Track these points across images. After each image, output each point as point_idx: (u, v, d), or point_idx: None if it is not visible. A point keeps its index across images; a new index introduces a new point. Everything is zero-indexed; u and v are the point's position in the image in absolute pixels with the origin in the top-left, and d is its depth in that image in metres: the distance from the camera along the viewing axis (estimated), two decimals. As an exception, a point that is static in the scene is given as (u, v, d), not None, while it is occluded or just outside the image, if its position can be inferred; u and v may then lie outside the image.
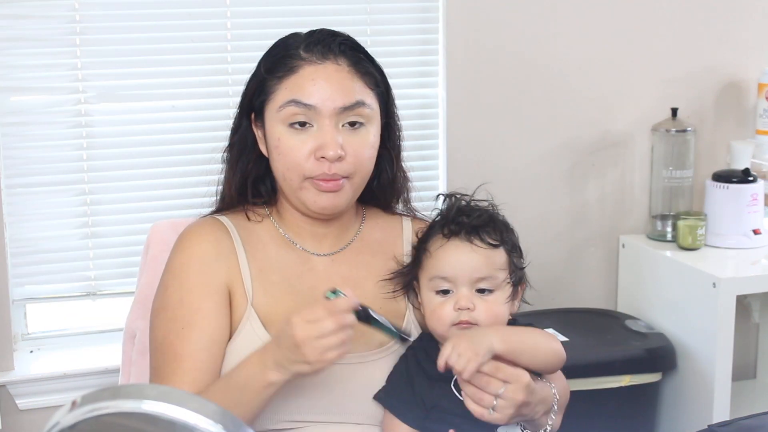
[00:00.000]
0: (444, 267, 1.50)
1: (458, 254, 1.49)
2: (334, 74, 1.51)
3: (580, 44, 2.67)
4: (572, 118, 2.69)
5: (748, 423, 1.60)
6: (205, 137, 2.42)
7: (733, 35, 2.78)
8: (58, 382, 2.36)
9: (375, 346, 1.55)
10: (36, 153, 2.35)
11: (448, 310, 1.49)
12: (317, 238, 1.61)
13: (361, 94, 1.52)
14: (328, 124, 1.49)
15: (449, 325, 1.50)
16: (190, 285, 1.52)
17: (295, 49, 1.54)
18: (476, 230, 1.50)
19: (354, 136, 1.51)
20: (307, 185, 1.52)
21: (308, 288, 1.57)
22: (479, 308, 1.49)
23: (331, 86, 1.50)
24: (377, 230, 1.67)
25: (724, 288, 2.39)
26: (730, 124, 2.81)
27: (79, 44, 2.34)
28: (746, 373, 2.85)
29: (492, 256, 1.50)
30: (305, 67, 1.51)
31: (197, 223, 1.61)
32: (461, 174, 2.61)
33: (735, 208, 2.58)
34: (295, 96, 1.50)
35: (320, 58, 1.52)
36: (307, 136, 1.50)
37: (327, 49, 1.53)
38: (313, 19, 2.44)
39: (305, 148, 1.50)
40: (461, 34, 2.57)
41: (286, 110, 1.51)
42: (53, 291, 2.42)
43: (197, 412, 0.77)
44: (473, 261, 1.49)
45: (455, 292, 1.50)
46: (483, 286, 1.50)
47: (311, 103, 1.49)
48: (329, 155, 1.48)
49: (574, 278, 2.76)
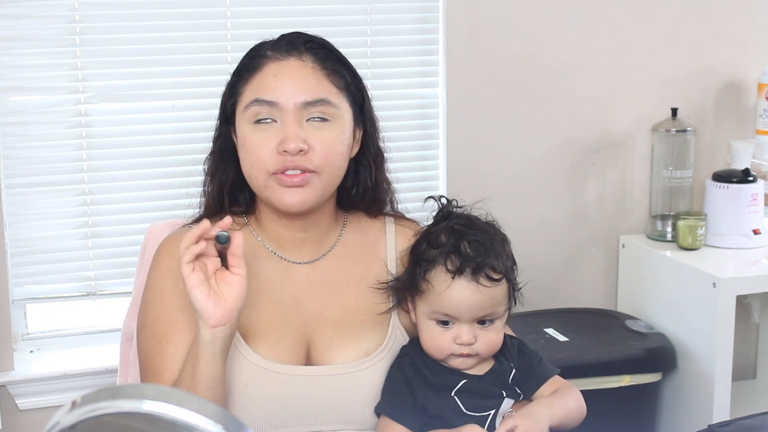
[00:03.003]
0: (449, 306, 1.48)
1: (464, 295, 1.47)
2: (297, 70, 1.50)
3: (580, 44, 2.67)
4: (572, 118, 2.69)
5: (748, 423, 1.60)
6: (204, 137, 2.40)
7: (733, 35, 2.78)
8: (58, 382, 2.36)
9: (362, 356, 1.54)
10: (36, 153, 2.35)
11: (448, 342, 1.49)
12: (296, 246, 1.59)
13: (325, 92, 1.50)
14: (290, 119, 1.48)
15: (448, 354, 1.50)
16: (166, 299, 1.51)
17: (263, 50, 1.54)
18: (482, 268, 1.47)
19: (319, 131, 1.49)
20: (272, 183, 1.49)
21: (290, 297, 1.56)
22: (480, 340, 1.49)
23: (293, 81, 1.49)
24: (359, 234, 1.64)
25: (724, 288, 2.39)
26: (730, 124, 2.81)
27: (79, 44, 2.34)
28: (746, 373, 2.85)
29: (496, 293, 1.49)
30: (268, 64, 1.51)
31: (171, 236, 1.59)
32: (461, 174, 2.61)
33: (735, 208, 2.58)
34: (258, 95, 1.50)
35: (284, 55, 1.51)
36: (271, 132, 1.48)
37: (291, 46, 1.52)
38: (313, 19, 2.45)
39: (269, 145, 1.48)
40: (461, 34, 2.57)
41: (251, 110, 1.50)
42: (53, 291, 2.42)
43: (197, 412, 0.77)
44: (479, 301, 1.48)
45: (456, 325, 1.49)
46: (484, 319, 1.50)
47: (273, 100, 1.48)
48: (290, 148, 1.46)
49: (574, 278, 2.76)
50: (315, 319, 1.56)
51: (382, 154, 1.64)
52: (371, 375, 1.53)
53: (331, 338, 1.54)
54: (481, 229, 1.53)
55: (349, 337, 1.55)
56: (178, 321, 1.50)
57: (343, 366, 1.52)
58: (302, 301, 1.56)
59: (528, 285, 1.59)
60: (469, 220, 1.55)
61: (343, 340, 1.54)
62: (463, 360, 1.50)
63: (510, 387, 1.53)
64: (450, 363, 1.51)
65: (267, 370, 1.48)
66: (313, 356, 1.54)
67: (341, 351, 1.53)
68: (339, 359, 1.52)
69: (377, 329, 1.57)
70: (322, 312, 1.56)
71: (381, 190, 1.65)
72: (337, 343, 1.54)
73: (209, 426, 0.76)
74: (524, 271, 1.58)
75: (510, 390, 1.53)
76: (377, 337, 1.56)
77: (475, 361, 1.51)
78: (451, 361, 1.51)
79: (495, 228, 1.56)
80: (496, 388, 1.52)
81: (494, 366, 1.54)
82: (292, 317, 1.54)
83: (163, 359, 1.48)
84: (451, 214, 1.57)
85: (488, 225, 1.56)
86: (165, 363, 1.48)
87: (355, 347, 1.54)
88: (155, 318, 1.52)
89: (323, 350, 1.54)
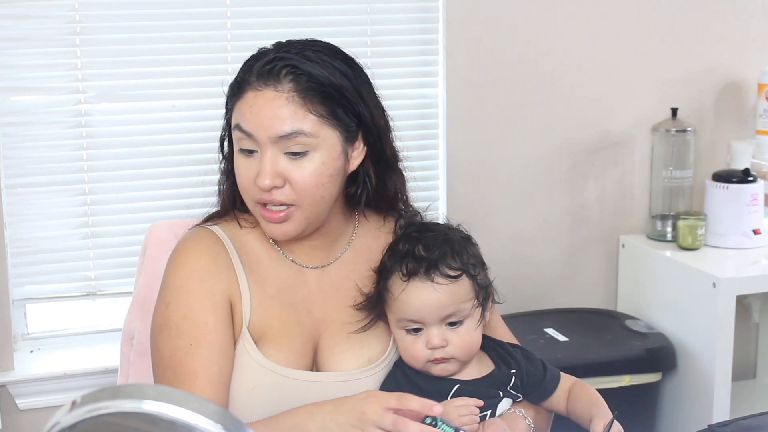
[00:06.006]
0: (409, 310, 1.46)
1: (421, 296, 1.45)
2: (270, 102, 1.46)
3: (580, 44, 2.67)
4: (572, 118, 2.69)
5: (748, 423, 1.60)
6: (204, 137, 2.42)
7: (733, 35, 2.78)
8: (58, 382, 2.36)
9: (365, 362, 1.54)
10: (36, 153, 2.35)
11: (421, 348, 1.47)
12: (306, 251, 1.58)
13: (300, 123, 1.45)
14: (266, 153, 1.46)
15: (425, 362, 1.48)
16: (193, 300, 1.50)
17: (251, 69, 1.50)
18: (435, 265, 1.45)
19: (296, 164, 1.46)
20: (258, 211, 1.50)
21: (300, 301, 1.56)
22: (452, 342, 1.47)
23: (265, 114, 1.45)
24: (369, 238, 1.63)
25: (724, 288, 2.39)
26: (730, 124, 2.81)
27: (79, 44, 2.34)
28: (746, 373, 2.85)
29: (456, 290, 1.46)
30: (248, 92, 1.48)
31: (191, 235, 1.58)
32: (461, 174, 2.61)
33: (735, 208, 2.58)
34: (238, 121, 1.48)
35: (261, 84, 1.47)
36: (252, 161, 1.47)
37: (270, 74, 1.47)
38: (313, 20, 2.45)
39: (250, 174, 1.47)
40: (461, 34, 2.57)
41: (235, 133, 1.49)
42: (53, 291, 2.42)
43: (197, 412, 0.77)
44: (437, 300, 1.45)
45: (425, 329, 1.47)
46: (452, 320, 1.47)
47: (248, 131, 1.46)
48: (263, 185, 1.45)
49: (574, 278, 2.76)
50: (323, 322, 1.56)
51: (395, 154, 1.62)
52: (373, 383, 1.53)
53: (337, 342, 1.54)
54: (437, 230, 1.52)
55: (354, 342, 1.54)
56: (208, 322, 1.48)
57: (347, 373, 1.52)
58: (312, 304, 1.56)
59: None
60: (424, 225, 1.55)
61: (348, 345, 1.54)
62: (443, 366, 1.48)
63: (508, 391, 1.52)
64: (431, 371, 1.49)
65: (275, 374, 1.48)
66: (319, 360, 1.54)
67: (345, 356, 1.53)
68: (343, 364, 1.52)
69: (381, 337, 1.56)
70: (330, 315, 1.56)
71: (393, 190, 1.63)
72: (342, 347, 1.54)
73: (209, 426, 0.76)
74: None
75: (507, 393, 1.52)
76: (381, 344, 1.56)
77: (455, 366, 1.49)
78: (431, 369, 1.49)
79: (454, 229, 1.54)
80: (493, 390, 1.51)
81: (493, 371, 1.53)
82: (302, 320, 1.54)
83: (196, 361, 1.46)
84: (411, 224, 1.56)
85: (447, 227, 1.54)
86: (199, 365, 1.46)
87: (358, 353, 1.53)
88: (181, 318, 1.49)
89: (328, 354, 1.54)
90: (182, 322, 1.49)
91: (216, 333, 1.48)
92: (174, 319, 1.50)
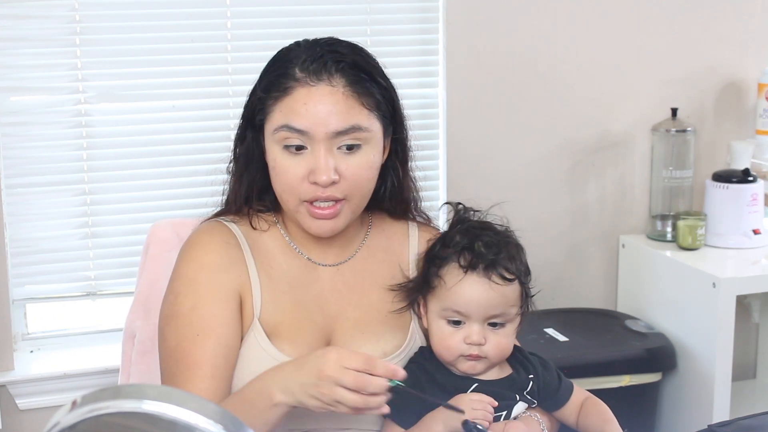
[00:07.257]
0: (459, 302, 1.47)
1: (476, 291, 1.46)
2: (327, 97, 1.45)
3: (580, 44, 2.67)
4: (572, 118, 2.69)
5: (748, 423, 1.59)
6: (204, 137, 2.43)
7: (733, 35, 2.78)
8: (58, 382, 2.36)
9: (380, 357, 1.53)
10: (36, 153, 2.35)
11: (458, 342, 1.48)
12: (322, 249, 1.59)
13: (357, 117, 1.46)
14: (321, 148, 1.45)
15: (457, 356, 1.48)
16: (203, 292, 1.50)
17: (291, 67, 1.48)
18: (494, 265, 1.47)
19: (350, 158, 1.47)
20: (303, 210, 1.49)
21: (313, 298, 1.56)
22: (489, 342, 1.48)
23: (324, 110, 1.45)
24: (383, 237, 1.64)
25: (724, 288, 2.39)
26: (730, 124, 2.81)
27: (79, 44, 2.34)
28: (746, 373, 2.85)
29: (507, 293, 1.48)
30: (298, 89, 1.46)
31: (204, 228, 1.58)
32: (461, 174, 2.61)
33: (735, 208, 2.58)
34: (288, 120, 1.46)
35: (314, 79, 1.46)
36: (302, 159, 1.46)
37: (321, 68, 1.46)
38: (313, 20, 2.45)
39: (299, 172, 1.46)
40: (461, 34, 2.57)
41: (280, 134, 1.47)
42: (53, 291, 2.42)
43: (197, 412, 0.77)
44: (490, 299, 1.47)
45: (467, 324, 1.48)
46: (495, 321, 1.49)
47: (303, 129, 1.45)
48: (321, 181, 1.44)
49: (574, 278, 2.76)
50: (336, 319, 1.56)
51: (407, 154, 1.63)
52: None
53: (352, 337, 1.54)
54: (496, 231, 1.54)
55: (369, 337, 1.55)
56: (216, 314, 1.48)
57: None
58: (325, 301, 1.56)
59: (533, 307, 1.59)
60: (484, 223, 1.56)
61: (363, 341, 1.54)
62: (472, 364, 1.49)
63: (524, 395, 1.52)
64: (459, 366, 1.50)
65: None
66: None
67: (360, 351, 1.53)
68: None
69: (397, 331, 1.56)
70: (344, 312, 1.56)
71: (406, 191, 1.64)
72: (358, 343, 1.53)
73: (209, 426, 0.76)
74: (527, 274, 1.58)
75: (524, 397, 1.52)
76: (396, 338, 1.56)
77: (484, 365, 1.50)
78: (460, 364, 1.49)
79: (510, 234, 1.56)
80: (510, 392, 1.51)
81: (511, 374, 1.53)
82: (314, 316, 1.54)
83: (201, 352, 1.46)
84: (466, 218, 1.57)
85: (504, 230, 1.56)
86: (203, 356, 1.45)
87: (374, 347, 1.53)
88: (190, 308, 1.49)
89: None
90: (190, 313, 1.49)
91: (223, 327, 1.48)
92: (182, 310, 1.50)
